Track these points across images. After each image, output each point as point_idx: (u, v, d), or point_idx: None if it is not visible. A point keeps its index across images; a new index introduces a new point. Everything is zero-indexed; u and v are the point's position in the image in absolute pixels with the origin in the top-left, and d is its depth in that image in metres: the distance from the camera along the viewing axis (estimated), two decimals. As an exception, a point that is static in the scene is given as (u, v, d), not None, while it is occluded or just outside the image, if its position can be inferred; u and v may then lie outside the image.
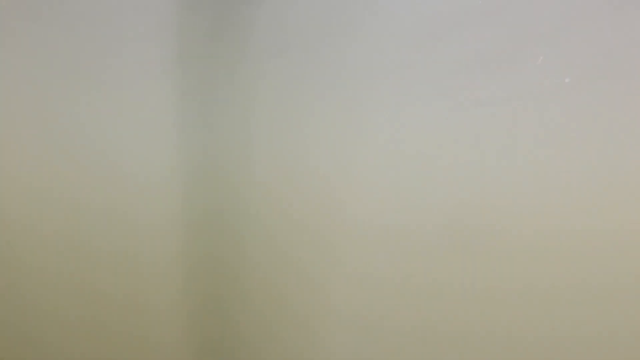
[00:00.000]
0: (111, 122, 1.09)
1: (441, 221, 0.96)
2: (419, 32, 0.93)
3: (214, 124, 1.07)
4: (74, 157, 1.11)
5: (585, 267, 0.89)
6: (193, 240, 1.11)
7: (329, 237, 1.02)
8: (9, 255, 1.16)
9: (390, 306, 1.01)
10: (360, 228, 1.00)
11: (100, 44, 1.05)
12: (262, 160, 1.05)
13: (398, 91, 0.95)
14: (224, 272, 1.11)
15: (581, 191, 0.89)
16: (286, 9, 0.99)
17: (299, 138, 1.02)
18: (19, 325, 1.19)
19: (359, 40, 0.95)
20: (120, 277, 1.14)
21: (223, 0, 1.02)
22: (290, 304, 1.07)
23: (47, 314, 1.17)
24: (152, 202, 1.10)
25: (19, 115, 1.10)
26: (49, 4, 1.05)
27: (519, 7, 0.88)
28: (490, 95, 0.91)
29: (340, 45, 0.97)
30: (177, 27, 1.03)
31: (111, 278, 1.14)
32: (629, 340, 0.89)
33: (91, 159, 1.10)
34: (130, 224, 1.11)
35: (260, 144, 1.05)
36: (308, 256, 1.04)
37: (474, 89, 0.92)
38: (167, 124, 1.08)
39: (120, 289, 1.15)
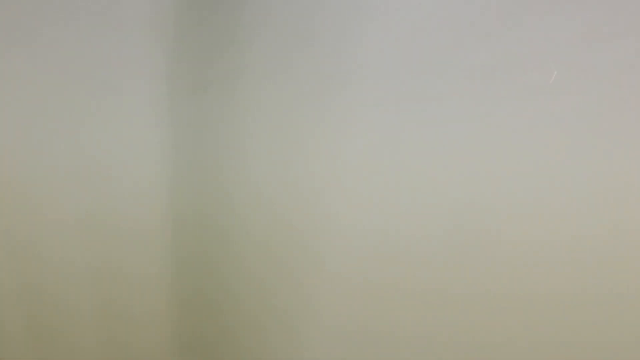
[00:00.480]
0: (103, 125, 1.09)
1: (433, 227, 0.96)
2: (415, 35, 0.92)
3: (205, 126, 1.08)
4: (65, 159, 1.11)
5: (588, 272, 0.88)
6: (182, 241, 1.12)
7: (316, 240, 1.03)
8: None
9: (376, 311, 1.01)
10: (348, 232, 1.00)
11: (93, 46, 1.05)
12: (252, 163, 1.06)
13: (392, 93, 0.95)
14: (212, 273, 1.12)
15: (583, 196, 0.88)
16: (281, 12, 0.99)
17: (290, 140, 1.03)
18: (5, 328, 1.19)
19: (352, 43, 0.96)
20: (109, 278, 1.15)
21: (217, 5, 1.03)
22: (277, 306, 1.08)
23: (37, 314, 1.18)
24: (141, 202, 1.11)
25: (9, 117, 1.10)
26: (40, 6, 1.05)
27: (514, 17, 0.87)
28: (488, 96, 0.90)
29: (334, 48, 0.97)
30: (172, 32, 1.04)
31: (100, 278, 1.15)
32: (633, 347, 0.88)
33: (82, 160, 1.10)
34: (120, 224, 1.12)
35: (251, 147, 1.05)
36: (296, 259, 1.05)
37: (471, 90, 0.91)
38: (159, 125, 1.08)
39: (108, 289, 1.15)
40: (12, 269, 1.16)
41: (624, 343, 0.88)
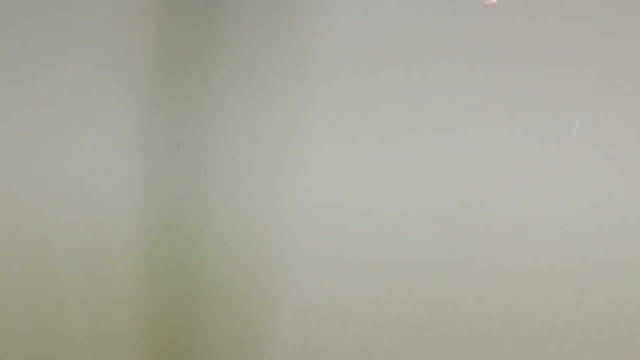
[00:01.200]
0: (81, 133, 1.12)
1: (395, 249, 1.01)
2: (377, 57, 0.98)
3: (181, 137, 1.13)
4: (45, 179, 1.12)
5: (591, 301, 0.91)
6: (157, 246, 1.16)
7: (281, 255, 1.10)
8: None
9: (330, 330, 1.07)
10: (311, 252, 1.07)
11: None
12: (221, 174, 1.12)
13: (372, 124, 1.00)
14: (186, 278, 1.17)
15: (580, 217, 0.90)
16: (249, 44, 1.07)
17: (263, 159, 1.09)
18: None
19: (312, 67, 1.03)
20: (87, 280, 1.17)
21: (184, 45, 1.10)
22: (245, 315, 1.15)
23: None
24: (118, 210, 1.15)
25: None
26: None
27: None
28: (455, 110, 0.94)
29: (294, 77, 1.05)
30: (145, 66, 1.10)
31: (76, 280, 1.16)
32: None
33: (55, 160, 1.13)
34: (97, 230, 1.14)
35: (222, 160, 1.12)
36: (260, 267, 1.12)
37: (453, 119, 0.95)
38: (134, 129, 1.13)
39: (86, 291, 1.17)
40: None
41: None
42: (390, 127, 1.00)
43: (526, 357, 0.94)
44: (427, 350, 1.00)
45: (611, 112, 0.87)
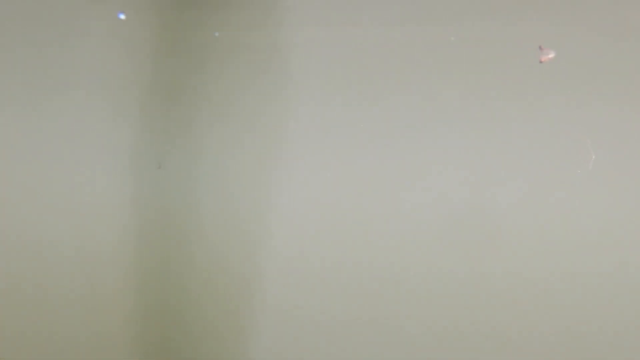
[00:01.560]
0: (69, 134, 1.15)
1: (372, 258, 1.01)
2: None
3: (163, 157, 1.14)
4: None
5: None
6: (144, 247, 1.16)
7: (265, 262, 1.10)
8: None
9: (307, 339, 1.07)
10: (289, 262, 1.08)
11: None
12: (208, 181, 1.13)
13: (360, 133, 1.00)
14: (172, 281, 1.16)
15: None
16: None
17: (241, 167, 1.10)
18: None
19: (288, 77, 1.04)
20: (74, 282, 1.17)
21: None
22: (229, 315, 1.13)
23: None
24: (106, 212, 1.15)
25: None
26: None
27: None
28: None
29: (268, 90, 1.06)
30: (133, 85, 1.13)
31: (63, 282, 1.17)
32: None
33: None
34: (84, 232, 1.15)
35: (207, 169, 1.13)
36: (248, 273, 1.12)
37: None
38: (122, 130, 1.14)
39: (73, 293, 1.17)
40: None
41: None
42: (387, 132, 1.00)
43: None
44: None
45: (616, 114, 0.87)
